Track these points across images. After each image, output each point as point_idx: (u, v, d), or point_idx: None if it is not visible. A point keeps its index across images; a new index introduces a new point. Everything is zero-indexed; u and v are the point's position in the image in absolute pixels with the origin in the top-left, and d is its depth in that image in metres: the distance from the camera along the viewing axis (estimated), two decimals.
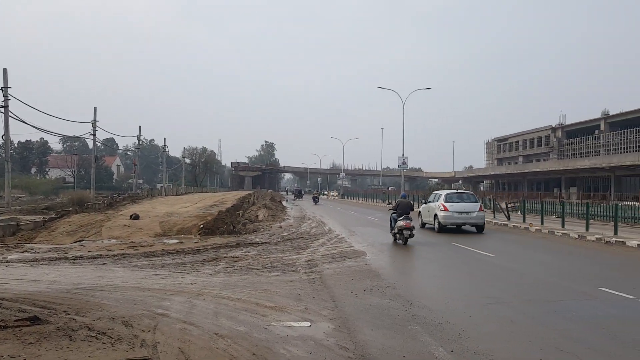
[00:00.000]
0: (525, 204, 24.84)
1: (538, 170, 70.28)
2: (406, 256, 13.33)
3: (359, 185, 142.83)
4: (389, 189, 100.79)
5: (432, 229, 19.84)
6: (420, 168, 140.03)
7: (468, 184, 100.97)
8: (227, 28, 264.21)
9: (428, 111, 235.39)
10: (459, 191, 22.33)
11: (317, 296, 7.89)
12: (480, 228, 19.30)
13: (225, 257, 12.27)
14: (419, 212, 22.02)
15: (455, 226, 19.39)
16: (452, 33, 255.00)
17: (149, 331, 5.45)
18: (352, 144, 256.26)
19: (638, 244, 14.42)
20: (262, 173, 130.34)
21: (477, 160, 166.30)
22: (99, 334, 5.26)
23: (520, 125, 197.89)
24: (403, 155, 46.66)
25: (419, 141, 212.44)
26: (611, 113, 67.36)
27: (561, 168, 64.35)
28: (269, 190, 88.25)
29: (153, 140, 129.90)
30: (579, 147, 71.40)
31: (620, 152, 60.20)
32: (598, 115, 69.34)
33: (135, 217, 21.77)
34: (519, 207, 26.24)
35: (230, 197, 44.68)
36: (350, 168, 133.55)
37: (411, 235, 15.00)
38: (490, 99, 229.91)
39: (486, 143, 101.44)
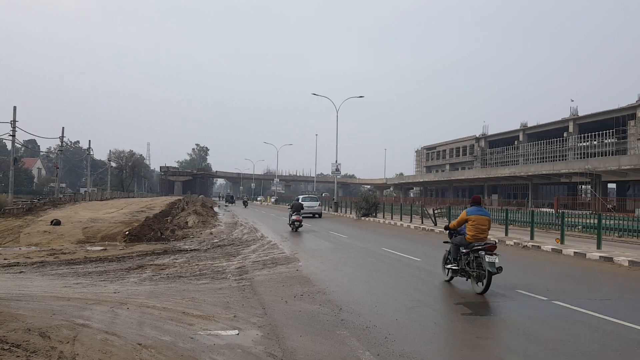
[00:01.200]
0: (450, 210, 25.84)
1: (463, 177, 73.50)
2: (338, 262, 13.48)
3: (293, 191, 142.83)
4: (323, 195, 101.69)
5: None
6: (353, 175, 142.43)
7: (399, 190, 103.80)
8: (158, 28, 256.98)
9: (362, 120, 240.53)
10: (309, 195, 38.93)
11: (247, 303, 7.82)
12: (319, 216, 36.62)
13: (151, 264, 11.88)
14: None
15: (310, 215, 35.12)
16: (386, 46, 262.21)
17: (68, 342, 5.17)
18: (286, 151, 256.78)
19: (552, 248, 15.40)
20: (193, 178, 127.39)
21: (407, 167, 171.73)
22: (13, 346, 4.91)
23: (448, 135, 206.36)
24: (336, 162, 47.30)
25: (353, 148, 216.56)
26: (529, 125, 71.73)
27: (484, 176, 67.64)
28: (200, 196, 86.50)
29: (78, 142, 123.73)
30: (500, 156, 75.43)
31: (537, 162, 64.20)
32: (517, 127, 73.62)
33: (57, 222, 20.63)
34: (445, 213, 27.27)
35: (159, 203, 43.34)
36: (284, 174, 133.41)
37: (300, 225, 23.14)
38: (420, 110, 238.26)
39: (416, 151, 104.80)
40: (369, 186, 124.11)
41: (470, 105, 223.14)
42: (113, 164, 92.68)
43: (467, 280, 9.56)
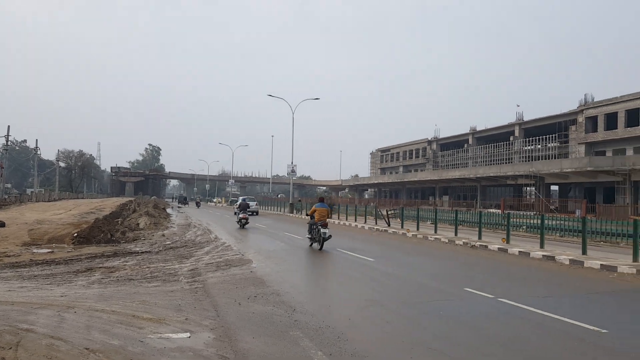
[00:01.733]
0: (403, 211, 26.36)
1: (416, 179, 74.99)
2: (293, 263, 13.52)
3: (248, 192, 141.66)
4: (279, 196, 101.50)
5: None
6: (309, 176, 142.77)
7: (354, 191, 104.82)
8: (109, 22, 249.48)
9: (319, 122, 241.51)
10: (249, 197, 47.63)
11: (199, 306, 7.74)
12: (256, 213, 41.54)
13: (101, 267, 11.55)
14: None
15: (250, 212, 36.46)
16: (343, 49, 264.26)
17: (11, 348, 4.98)
18: (242, 152, 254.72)
19: (499, 248, 15.98)
20: (146, 179, 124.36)
21: (363, 169, 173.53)
22: None
23: (402, 138, 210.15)
24: (292, 163, 47.35)
25: (309, 150, 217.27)
26: (478, 129, 74.02)
27: (435, 178, 69.25)
28: (153, 197, 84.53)
29: (25, 141, 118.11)
30: (451, 159, 77.48)
31: (486, 164, 66.32)
32: (467, 131, 75.82)
33: (1, 224, 19.73)
34: (398, 214, 27.78)
35: (109, 204, 42.13)
36: (240, 175, 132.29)
37: (247, 222, 25.91)
38: (376, 113, 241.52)
39: (371, 153, 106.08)
40: (324, 187, 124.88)
41: (423, 109, 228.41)
42: (62, 164, 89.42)
43: (316, 242, 16.46)
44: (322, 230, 15.85)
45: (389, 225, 25.63)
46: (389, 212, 27.97)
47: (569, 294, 9.51)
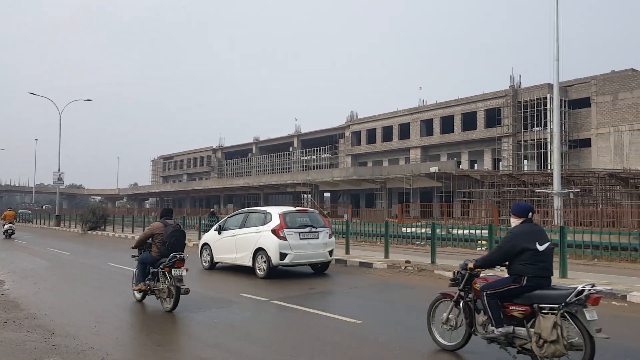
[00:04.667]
0: (185, 220, 25.91)
1: (200, 188, 74.45)
2: (55, 282, 12.08)
3: (5, 203, 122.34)
4: (44, 207, 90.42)
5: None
6: (81, 185, 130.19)
7: (133, 201, 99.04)
8: None
9: (94, 126, 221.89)
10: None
11: None
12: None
13: None
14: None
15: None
16: (120, 48, 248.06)
17: None
18: None
19: None
20: None
21: (144, 177, 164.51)
22: None
23: (187, 145, 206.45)
24: (59, 170, 42.49)
25: (82, 156, 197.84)
26: (261, 139, 77.14)
27: (220, 186, 69.81)
28: None
29: None
30: (236, 167, 79.05)
31: (268, 173, 69.51)
32: (251, 140, 78.39)
33: None
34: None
35: None
36: None
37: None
38: (158, 119, 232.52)
39: (152, 161, 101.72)
40: (99, 197, 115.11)
41: (208, 117, 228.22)
42: None
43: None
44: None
45: None
46: None
47: (332, 291, 10.55)
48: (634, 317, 7.99)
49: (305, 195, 55.84)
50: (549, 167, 36.88)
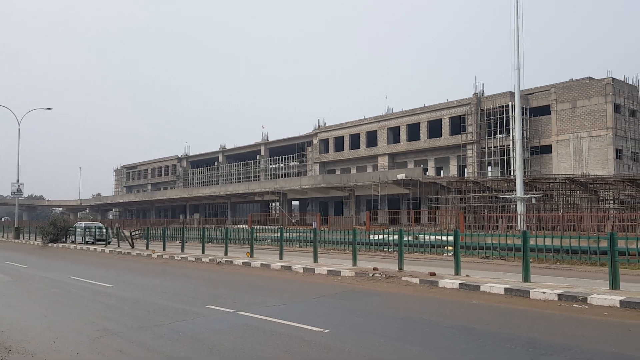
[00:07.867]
0: (149, 231, 25.36)
1: (165, 197, 73.23)
2: (13, 297, 11.59)
3: None
4: (2, 219, 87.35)
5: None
6: (42, 196, 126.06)
7: (96, 212, 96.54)
8: None
9: (55, 136, 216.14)
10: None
11: None
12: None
13: None
14: None
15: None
16: (81, 53, 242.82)
17: None
18: None
19: (243, 262, 16.67)
20: None
21: (107, 187, 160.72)
22: None
23: (151, 154, 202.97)
24: (18, 181, 41.20)
25: (43, 167, 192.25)
26: (227, 147, 76.49)
27: (186, 196, 68.85)
28: None
29: None
30: (202, 176, 78.09)
31: (235, 182, 68.89)
32: (217, 149, 77.62)
33: None
34: (144, 234, 26.61)
35: None
36: None
37: None
38: (121, 128, 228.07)
39: (115, 170, 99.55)
40: (61, 208, 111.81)
41: (173, 126, 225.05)
42: None
43: None
44: None
45: (133, 247, 24.35)
46: (134, 233, 26.55)
47: (300, 300, 10.46)
48: (595, 319, 8.20)
49: (273, 204, 55.61)
50: (512, 173, 37.87)
